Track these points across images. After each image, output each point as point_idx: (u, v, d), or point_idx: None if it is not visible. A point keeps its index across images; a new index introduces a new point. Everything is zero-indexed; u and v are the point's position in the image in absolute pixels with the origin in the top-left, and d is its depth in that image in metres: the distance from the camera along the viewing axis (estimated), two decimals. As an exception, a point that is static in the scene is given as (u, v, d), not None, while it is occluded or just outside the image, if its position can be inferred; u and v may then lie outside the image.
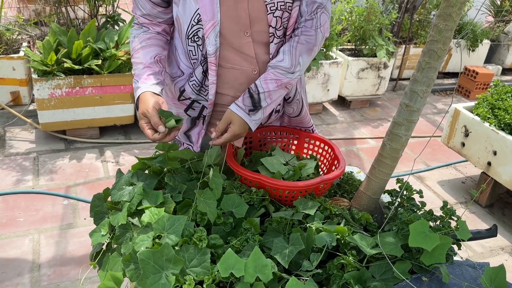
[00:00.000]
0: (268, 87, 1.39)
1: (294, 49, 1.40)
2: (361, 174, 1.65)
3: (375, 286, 1.07)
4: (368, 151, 3.85)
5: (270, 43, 1.41)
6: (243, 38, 1.37)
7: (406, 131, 1.29)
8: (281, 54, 1.40)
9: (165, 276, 1.00)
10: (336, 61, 4.22)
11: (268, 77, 1.39)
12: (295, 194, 1.31)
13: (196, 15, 1.31)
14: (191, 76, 1.46)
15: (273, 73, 1.40)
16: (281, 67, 1.40)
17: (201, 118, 1.52)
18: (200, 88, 1.46)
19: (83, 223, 2.64)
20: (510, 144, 2.80)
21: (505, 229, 3.00)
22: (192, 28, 1.35)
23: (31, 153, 3.32)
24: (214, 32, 1.33)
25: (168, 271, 1.01)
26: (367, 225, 1.29)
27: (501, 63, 6.22)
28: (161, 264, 1.01)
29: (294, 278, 0.99)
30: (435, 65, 1.21)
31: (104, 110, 3.47)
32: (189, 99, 1.50)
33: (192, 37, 1.37)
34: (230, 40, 1.37)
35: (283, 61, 1.39)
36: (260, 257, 1.03)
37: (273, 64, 1.41)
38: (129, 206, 1.20)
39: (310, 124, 1.67)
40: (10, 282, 2.21)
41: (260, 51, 1.42)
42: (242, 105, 1.38)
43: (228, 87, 1.46)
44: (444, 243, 1.05)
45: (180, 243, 1.09)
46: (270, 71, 1.40)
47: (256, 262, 1.02)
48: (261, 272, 1.01)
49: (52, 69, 3.18)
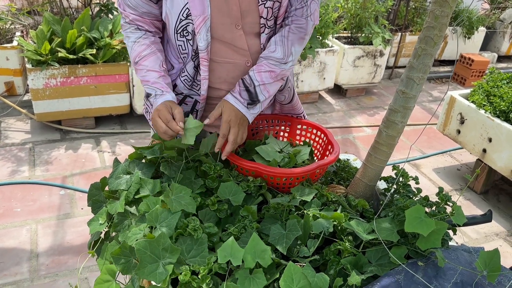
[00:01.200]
0: (262, 79, 1.38)
1: (286, 39, 1.39)
2: (357, 161, 1.66)
3: (371, 271, 1.08)
4: (364, 139, 3.86)
5: (261, 34, 1.40)
6: (234, 31, 1.36)
7: (402, 118, 1.30)
8: (273, 45, 1.39)
9: (162, 265, 1.01)
10: (332, 49, 4.21)
11: (262, 69, 1.38)
12: (292, 181, 1.32)
13: (185, 10, 1.28)
14: (182, 71, 1.44)
15: (266, 65, 1.39)
16: (273, 58, 1.39)
17: (194, 112, 1.51)
18: (192, 83, 1.45)
19: (80, 213, 2.65)
20: (505, 131, 2.81)
21: (500, 215, 3.03)
22: (180, 23, 1.32)
23: (26, 143, 3.31)
24: (205, 26, 1.30)
25: (165, 260, 1.01)
26: (364, 211, 1.30)
27: (497, 51, 6.22)
28: (157, 253, 1.02)
29: (291, 263, 1.00)
30: (431, 52, 1.21)
31: (100, 100, 3.45)
32: (181, 94, 1.49)
33: (181, 31, 1.34)
34: (221, 33, 1.35)
35: (275, 52, 1.38)
36: (259, 243, 1.04)
37: (265, 55, 1.40)
38: (127, 195, 1.20)
39: (301, 110, 1.69)
40: (9, 272, 2.22)
41: (252, 42, 1.41)
42: (239, 97, 1.38)
43: (221, 81, 1.45)
44: (439, 228, 1.06)
45: (175, 236, 1.10)
46: (263, 62, 1.39)
47: (255, 247, 1.03)
48: (260, 257, 1.02)
49: (46, 58, 3.15)
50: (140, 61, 1.39)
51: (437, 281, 1.00)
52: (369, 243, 1.16)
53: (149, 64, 1.38)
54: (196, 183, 1.29)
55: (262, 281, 0.99)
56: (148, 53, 1.39)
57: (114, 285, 1.03)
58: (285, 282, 0.99)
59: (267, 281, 1.00)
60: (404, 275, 1.03)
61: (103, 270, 1.06)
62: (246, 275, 1.00)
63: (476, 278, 1.02)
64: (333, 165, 1.59)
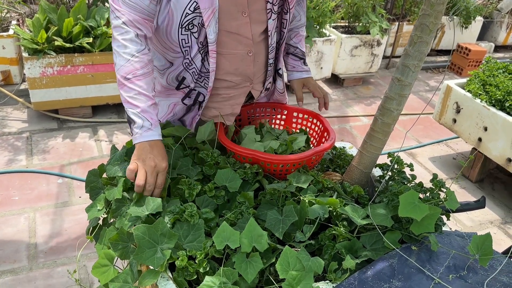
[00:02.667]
0: (304, 48, 1.69)
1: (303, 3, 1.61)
2: (353, 149, 1.67)
3: (366, 255, 1.10)
4: (361, 128, 3.87)
5: (268, 20, 1.40)
6: (240, 18, 1.35)
7: (397, 106, 1.31)
8: (297, 15, 1.62)
9: (160, 250, 1.02)
10: (330, 38, 4.21)
11: (302, 39, 1.67)
12: (288, 167, 1.33)
13: (192, 4, 1.24)
14: (190, 64, 1.40)
15: (301, 34, 1.66)
16: (301, 25, 1.65)
17: (197, 104, 1.50)
18: (198, 76, 1.43)
19: (78, 201, 2.66)
20: (500, 120, 2.83)
21: (495, 203, 3.06)
22: (186, 17, 1.27)
23: (23, 132, 3.31)
24: (214, 19, 1.28)
25: (163, 245, 1.03)
26: (359, 197, 1.31)
27: (494, 40, 6.22)
28: (156, 238, 1.03)
29: (288, 248, 1.02)
30: (427, 39, 1.22)
31: (96, 89, 3.45)
32: (188, 87, 1.46)
33: (187, 25, 1.29)
34: (227, 23, 1.33)
35: (301, 20, 1.64)
36: (256, 228, 1.05)
37: (296, 25, 1.64)
38: (125, 181, 1.21)
39: (286, 100, 1.76)
40: (7, 260, 2.24)
41: (256, 31, 1.41)
42: (302, 69, 1.67)
43: (224, 73, 1.44)
44: (433, 213, 1.08)
45: (172, 221, 1.11)
46: (299, 33, 1.66)
47: (251, 232, 1.04)
48: (257, 242, 1.03)
49: (42, 47, 3.14)
50: (134, 79, 1.23)
51: (430, 264, 1.02)
52: (363, 228, 1.18)
53: (143, 86, 1.24)
54: (194, 170, 1.30)
55: (259, 264, 1.01)
56: (145, 73, 1.26)
57: (112, 270, 1.05)
58: (281, 265, 1.00)
59: (263, 265, 1.02)
60: (398, 259, 1.05)
61: (101, 255, 1.07)
62: (243, 259, 1.02)
63: (468, 262, 1.04)
64: (329, 153, 1.60)
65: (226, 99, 1.52)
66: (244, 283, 1.01)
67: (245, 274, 1.00)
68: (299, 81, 1.66)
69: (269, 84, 1.60)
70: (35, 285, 2.12)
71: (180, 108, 1.51)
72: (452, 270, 1.02)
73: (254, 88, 1.55)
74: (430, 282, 0.98)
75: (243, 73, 1.46)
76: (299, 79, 1.66)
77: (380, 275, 1.01)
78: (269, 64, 1.53)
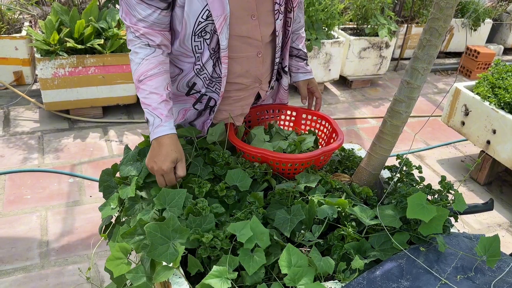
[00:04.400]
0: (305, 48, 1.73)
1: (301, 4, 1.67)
2: (361, 151, 1.69)
3: (374, 255, 1.12)
4: (369, 130, 3.88)
5: (276, 21, 1.43)
6: (249, 22, 1.37)
7: (406, 108, 1.32)
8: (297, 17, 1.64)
9: (172, 245, 1.05)
10: (338, 40, 4.22)
11: (303, 40, 1.72)
12: (297, 166, 1.35)
13: (205, 12, 1.26)
14: (202, 69, 1.41)
15: (302, 36, 1.71)
16: (301, 26, 1.70)
17: (208, 108, 1.51)
18: (209, 81, 1.44)
19: (89, 201, 2.70)
20: (509, 123, 2.83)
21: (503, 206, 3.05)
22: (199, 25, 1.30)
23: (36, 132, 3.36)
24: (226, 25, 1.30)
25: (175, 240, 1.06)
26: (367, 199, 1.33)
27: (503, 43, 6.19)
28: (167, 235, 1.06)
29: (290, 245, 1.05)
30: (436, 43, 1.23)
31: (107, 89, 3.49)
32: (199, 93, 1.48)
33: (200, 33, 1.32)
34: (237, 28, 1.36)
35: (301, 22, 1.69)
36: (258, 226, 1.08)
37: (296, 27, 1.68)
38: (137, 180, 1.24)
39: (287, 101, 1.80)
40: (20, 257, 2.28)
41: (265, 33, 1.44)
42: (305, 70, 1.72)
43: (235, 76, 1.47)
44: (441, 215, 1.10)
45: (186, 212, 1.14)
46: (300, 32, 1.71)
47: (254, 230, 1.07)
48: (259, 239, 1.06)
49: (54, 48, 3.19)
50: (145, 80, 1.29)
51: (438, 265, 1.04)
52: (372, 229, 1.20)
53: (154, 85, 1.29)
54: (205, 170, 1.33)
55: (262, 259, 1.03)
56: (155, 73, 1.30)
57: (126, 262, 1.07)
58: (284, 261, 1.03)
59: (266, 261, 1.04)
60: (406, 260, 1.06)
61: (115, 248, 1.09)
62: (247, 252, 1.05)
63: (476, 263, 1.06)
64: (338, 154, 1.62)
65: (237, 101, 1.54)
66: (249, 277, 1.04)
67: (247, 266, 1.03)
68: (305, 81, 1.74)
69: (273, 83, 1.64)
70: (47, 282, 2.16)
71: (192, 113, 1.53)
72: (460, 271, 1.03)
73: (262, 88, 1.58)
74: (438, 282, 0.99)
75: (253, 75, 1.49)
76: (304, 80, 1.73)
77: (388, 275, 1.03)
78: (275, 63, 1.56)
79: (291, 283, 1.00)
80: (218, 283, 0.96)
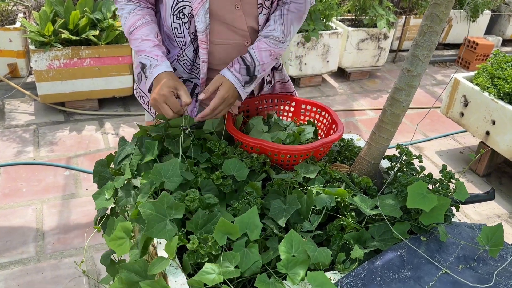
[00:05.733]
0: (262, 59, 1.39)
1: (286, 18, 1.40)
2: (361, 141, 1.66)
3: (374, 245, 1.10)
4: (367, 122, 3.86)
5: (258, 15, 1.40)
6: (234, 12, 1.35)
7: (406, 96, 1.30)
8: (272, 24, 1.40)
9: (169, 222, 1.03)
10: (336, 31, 4.18)
11: (262, 47, 1.39)
12: (296, 158, 1.33)
13: None
14: (182, 55, 1.43)
15: (266, 43, 1.40)
16: (273, 37, 1.40)
17: (194, 96, 1.51)
18: (191, 67, 1.44)
19: (85, 193, 2.67)
20: (509, 114, 2.81)
21: (502, 197, 3.04)
22: (177, 5, 1.31)
23: (31, 125, 3.32)
24: (203, 9, 1.29)
25: (171, 217, 1.03)
26: (367, 189, 1.31)
27: (502, 34, 6.16)
28: (163, 212, 1.04)
29: (293, 231, 1.02)
30: (437, 29, 1.21)
31: (103, 81, 3.45)
32: (181, 78, 1.48)
33: (178, 13, 1.33)
34: (221, 15, 1.34)
35: (275, 31, 1.40)
36: (254, 218, 1.05)
37: (265, 33, 1.40)
38: (131, 167, 1.21)
39: (293, 89, 1.70)
40: (16, 251, 2.25)
41: (252, 23, 1.41)
42: (238, 75, 1.38)
43: (220, 63, 1.44)
44: (442, 204, 1.07)
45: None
46: (262, 41, 1.40)
47: (249, 219, 1.04)
48: (250, 230, 1.03)
49: (49, 40, 3.15)
50: (135, 31, 1.36)
51: (439, 255, 1.02)
52: (371, 219, 1.18)
53: (144, 33, 1.35)
54: (203, 156, 1.31)
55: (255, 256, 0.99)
56: (143, 23, 1.36)
57: (128, 242, 1.05)
58: (285, 247, 1.00)
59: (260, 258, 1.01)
60: (407, 250, 1.04)
61: (118, 228, 1.06)
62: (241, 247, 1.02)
63: (478, 253, 1.04)
64: (337, 145, 1.59)
65: None
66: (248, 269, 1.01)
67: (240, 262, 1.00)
68: (219, 77, 1.38)
69: (268, 77, 1.60)
70: (43, 276, 2.13)
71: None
72: (462, 260, 1.01)
73: None
74: (439, 272, 0.97)
75: None
76: (220, 75, 1.38)
77: (389, 265, 1.01)
78: None
79: (283, 269, 0.98)
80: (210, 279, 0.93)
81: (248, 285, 1.05)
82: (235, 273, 0.94)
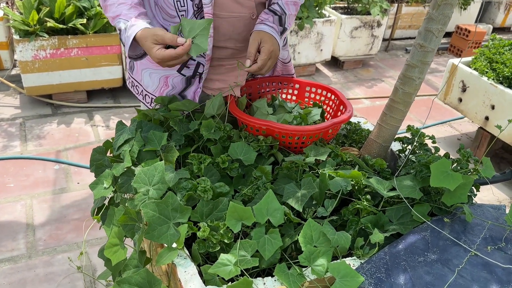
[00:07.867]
0: (290, 10, 1.40)
1: None
2: (368, 124, 1.60)
3: (393, 229, 1.03)
4: (363, 111, 3.80)
5: None
6: None
7: (419, 74, 1.24)
8: None
9: (173, 226, 0.94)
10: (330, 19, 4.11)
11: (290, 4, 1.40)
12: (305, 139, 1.26)
13: None
14: None
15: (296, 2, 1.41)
16: None
17: (197, 76, 1.43)
18: None
19: (76, 187, 2.57)
20: (508, 98, 2.77)
21: (502, 183, 3.01)
22: None
23: (17, 118, 3.20)
24: None
25: (175, 220, 0.95)
26: (381, 171, 1.24)
27: (492, 22, 6.16)
28: (167, 214, 0.95)
29: (311, 220, 0.95)
30: (452, 1, 1.15)
31: (91, 72, 3.34)
32: None
33: None
34: None
35: None
36: (273, 201, 0.98)
37: None
38: (131, 154, 1.13)
39: (293, 71, 1.64)
40: (5, 248, 2.15)
41: None
42: (274, 26, 1.35)
43: (226, 39, 1.37)
44: (465, 183, 1.01)
45: (186, 198, 1.04)
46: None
47: (268, 205, 0.97)
48: (272, 215, 0.96)
49: (34, 29, 3.02)
50: None
51: (465, 236, 0.96)
52: (387, 202, 1.11)
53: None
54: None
55: (278, 241, 0.93)
56: None
57: (123, 247, 0.97)
58: (304, 238, 0.93)
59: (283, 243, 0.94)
60: (430, 232, 0.98)
61: (111, 234, 0.99)
62: (261, 234, 0.95)
63: (505, 233, 0.98)
64: (344, 128, 1.53)
65: (230, 70, 1.45)
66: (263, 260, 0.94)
67: (262, 250, 0.93)
68: (257, 34, 1.31)
69: None
70: (35, 273, 2.04)
71: (179, 81, 1.42)
72: (489, 241, 0.95)
73: None
74: (468, 254, 0.91)
75: (246, 39, 1.38)
76: (257, 31, 1.32)
77: (412, 248, 0.94)
78: None
79: (305, 262, 0.91)
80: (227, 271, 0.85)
81: (263, 274, 0.98)
82: (253, 263, 0.87)
